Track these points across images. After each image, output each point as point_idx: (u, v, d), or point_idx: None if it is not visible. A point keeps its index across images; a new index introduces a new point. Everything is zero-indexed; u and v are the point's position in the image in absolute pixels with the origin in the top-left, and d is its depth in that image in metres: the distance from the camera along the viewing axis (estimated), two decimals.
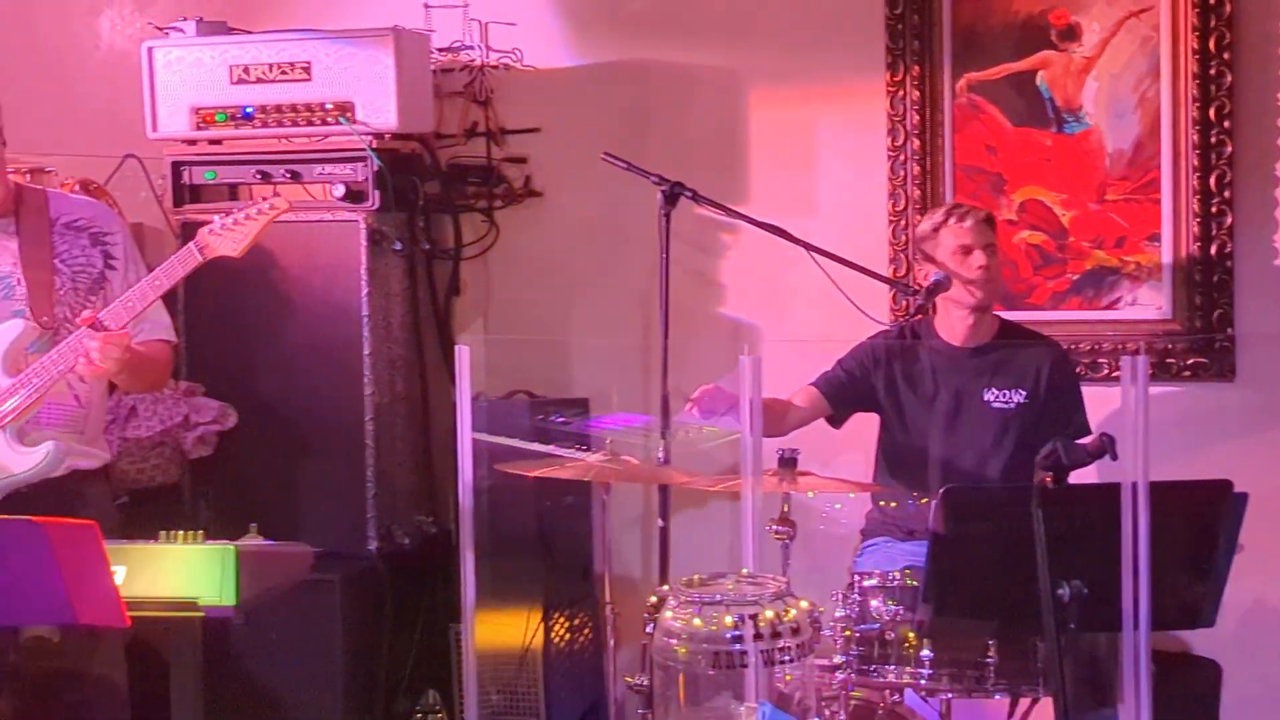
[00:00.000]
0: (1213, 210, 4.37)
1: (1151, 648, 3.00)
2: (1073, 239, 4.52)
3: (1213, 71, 4.34)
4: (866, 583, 3.56)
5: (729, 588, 3.17)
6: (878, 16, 4.58)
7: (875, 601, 3.52)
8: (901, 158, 4.58)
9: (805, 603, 3.15)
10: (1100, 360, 4.50)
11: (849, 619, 3.51)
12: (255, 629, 4.15)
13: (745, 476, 3.33)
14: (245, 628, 4.04)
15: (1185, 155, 4.38)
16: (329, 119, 4.44)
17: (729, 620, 3.03)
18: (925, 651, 3.46)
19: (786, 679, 3.21)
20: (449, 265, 4.88)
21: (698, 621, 3.06)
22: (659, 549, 4.27)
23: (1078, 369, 4.37)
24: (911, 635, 3.49)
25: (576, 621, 4.60)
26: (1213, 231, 4.38)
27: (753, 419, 3.31)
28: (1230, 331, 4.41)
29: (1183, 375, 4.45)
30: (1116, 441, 3.04)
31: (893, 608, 3.51)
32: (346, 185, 4.45)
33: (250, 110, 4.50)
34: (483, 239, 4.89)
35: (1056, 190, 4.52)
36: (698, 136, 4.74)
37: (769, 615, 3.05)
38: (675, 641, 3.08)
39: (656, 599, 3.37)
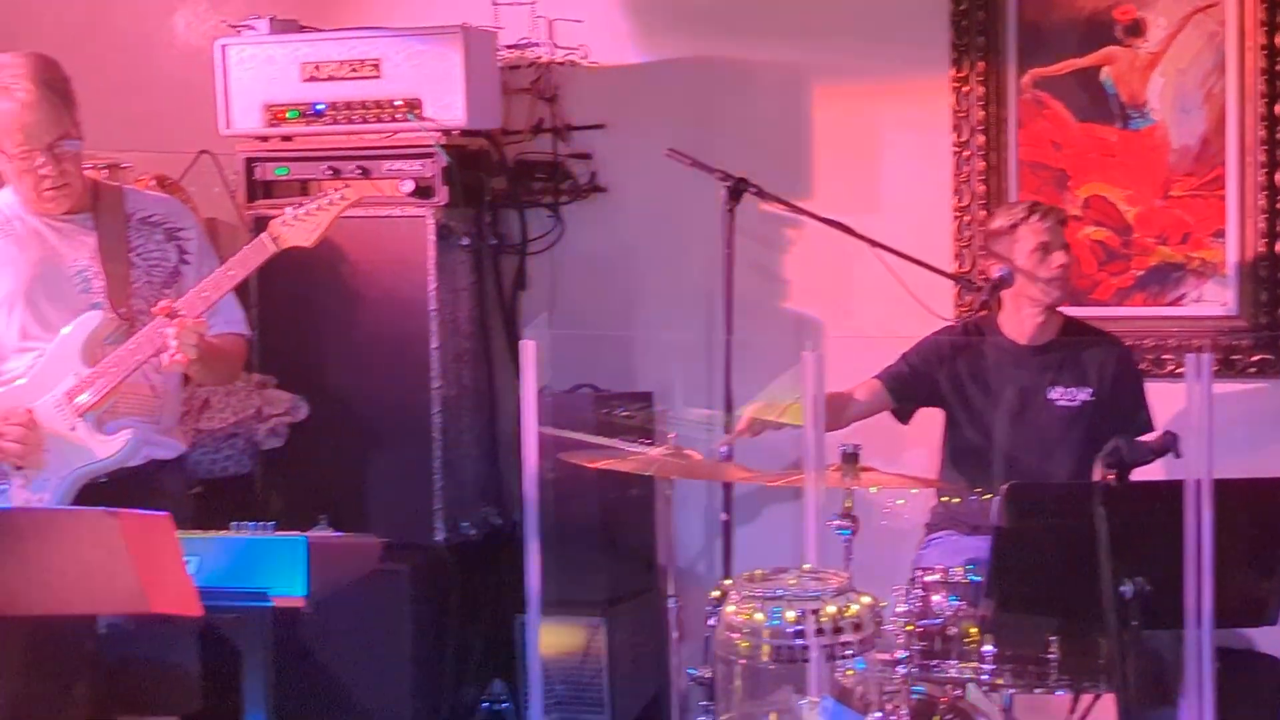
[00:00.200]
0: (1279, 206, 4.35)
1: (1214, 645, 2.99)
2: (1137, 235, 4.51)
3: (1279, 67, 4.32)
4: (929, 578, 3.56)
5: (791, 582, 3.17)
6: (943, 12, 4.57)
7: (937, 596, 3.52)
8: (966, 153, 4.57)
9: (867, 598, 3.15)
10: (1165, 357, 4.48)
11: (911, 614, 3.52)
12: (324, 618, 4.16)
13: (808, 472, 3.33)
14: (314, 617, 4.12)
15: (1251, 151, 4.36)
16: (398, 115, 4.48)
17: (791, 615, 3.03)
18: (987, 647, 3.46)
19: (848, 674, 3.23)
20: (515, 260, 4.90)
21: (760, 616, 3.06)
22: (722, 542, 4.30)
23: (1141, 366, 4.36)
24: (974, 630, 3.49)
25: (640, 613, 4.63)
26: (1279, 228, 4.36)
27: (815, 415, 3.32)
28: None
29: (1248, 372, 4.43)
30: (1180, 439, 3.04)
31: (955, 603, 3.51)
32: (415, 181, 4.49)
33: (321, 107, 4.55)
34: (548, 234, 4.92)
35: (1121, 186, 4.50)
36: (762, 132, 4.75)
37: (831, 610, 3.05)
38: (737, 635, 3.09)
39: (719, 592, 3.39)
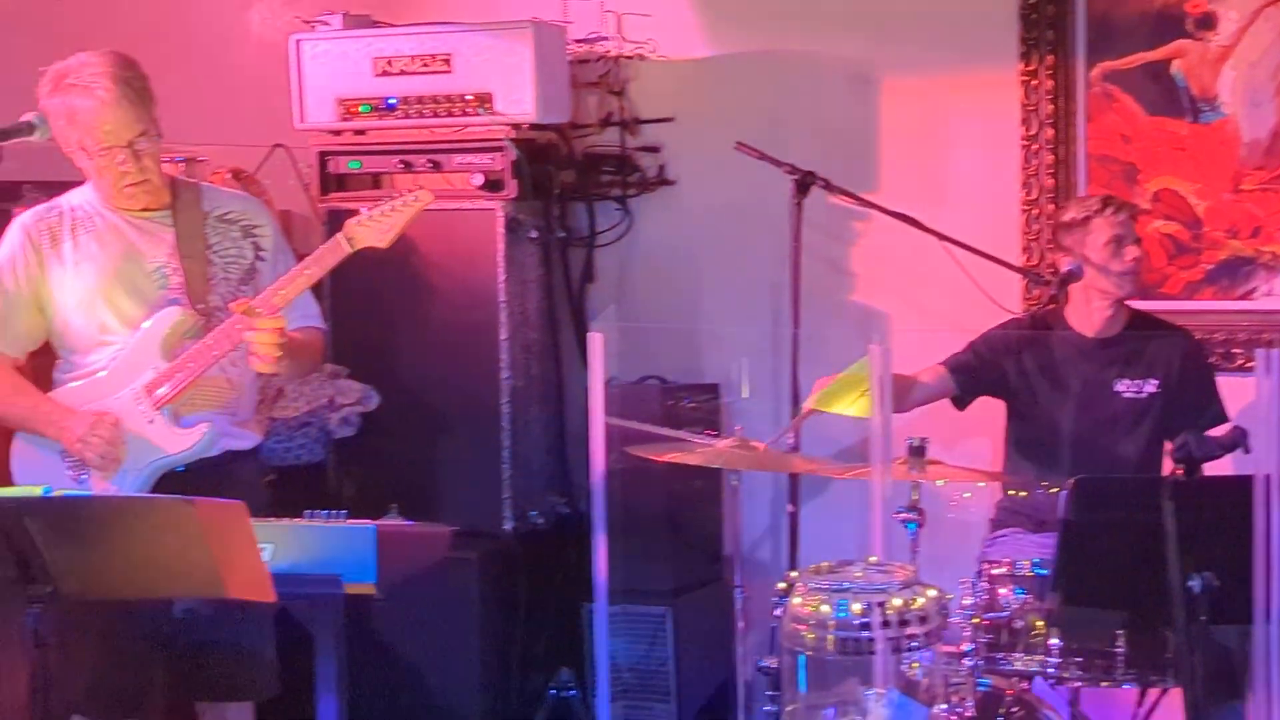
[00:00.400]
0: None
1: None
2: (1207, 229, 4.48)
3: None
4: (995, 571, 3.57)
5: (857, 575, 3.19)
6: (1012, 5, 4.55)
7: (1004, 589, 3.53)
8: (1035, 147, 4.56)
9: (933, 590, 3.16)
10: (1235, 351, 4.45)
11: (977, 607, 3.52)
12: (395, 606, 4.21)
13: (874, 465, 3.34)
14: (385, 605, 4.16)
15: None
16: (468, 110, 4.51)
17: (857, 607, 3.05)
18: (1054, 640, 3.46)
19: (914, 666, 3.24)
20: (583, 253, 4.93)
21: (826, 608, 3.08)
22: (788, 534, 4.31)
23: (1211, 359, 4.33)
24: (1040, 624, 3.50)
25: (705, 603, 4.64)
26: None
27: (882, 409, 3.33)
28: None
29: None
30: (1249, 434, 3.03)
31: (1021, 596, 3.51)
32: (485, 174, 4.51)
33: (393, 101, 4.59)
34: (616, 227, 4.94)
35: (1191, 180, 4.47)
36: (830, 125, 4.75)
37: (897, 603, 3.07)
38: (803, 627, 3.10)
39: (785, 584, 3.40)
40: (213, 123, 4.70)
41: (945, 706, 3.32)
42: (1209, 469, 3.14)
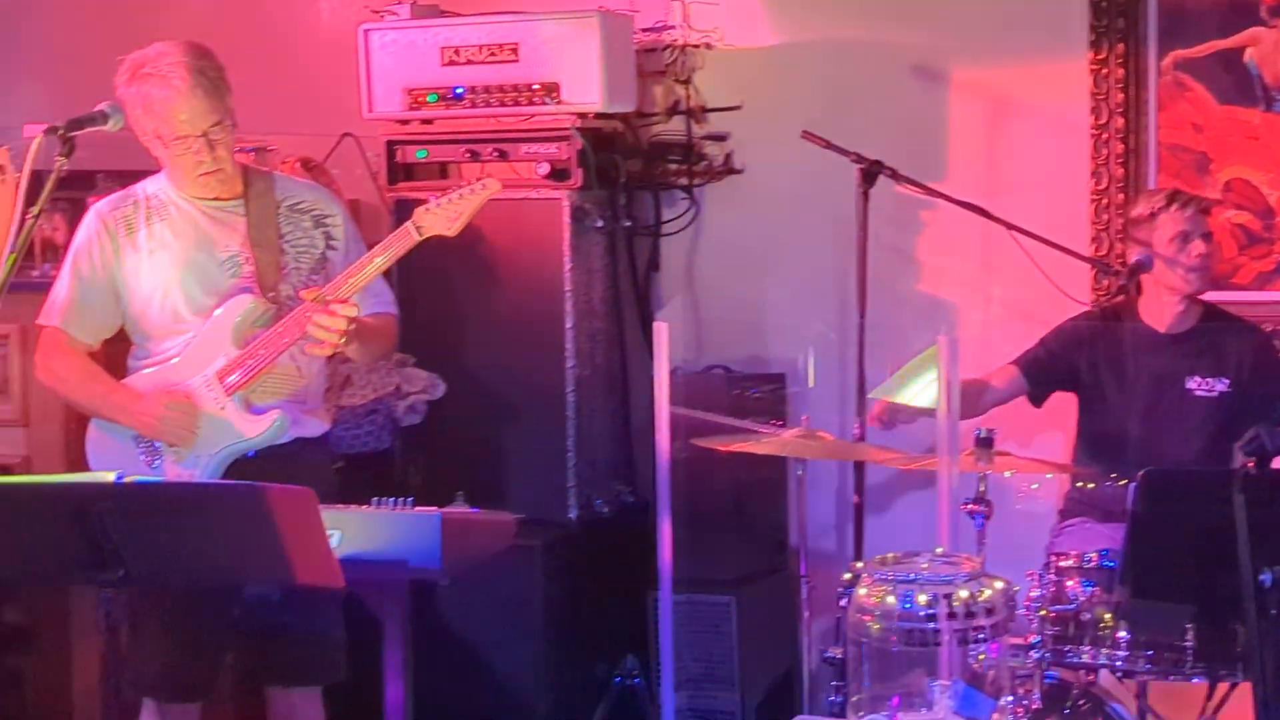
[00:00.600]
0: None
1: None
2: (1279, 219, 4.44)
3: None
4: (1063, 563, 3.55)
5: (924, 566, 3.16)
6: None
7: (1071, 582, 3.51)
8: (1104, 136, 4.52)
9: (1000, 582, 3.12)
10: None
11: (1045, 599, 3.50)
12: (460, 593, 4.25)
13: (942, 456, 3.33)
14: (451, 591, 4.20)
15: None
16: (535, 99, 4.52)
17: (923, 599, 3.02)
18: (1122, 633, 3.44)
19: (980, 658, 3.22)
20: (649, 242, 4.92)
21: (891, 599, 3.05)
22: (853, 524, 4.30)
23: None
24: (1108, 616, 3.48)
25: (770, 592, 4.64)
26: None
27: (949, 399, 3.32)
28: None
29: None
30: None
31: (1089, 588, 3.49)
32: (551, 163, 4.51)
33: (460, 91, 4.59)
34: (682, 215, 4.93)
35: (1263, 169, 4.42)
36: (897, 114, 4.72)
37: (963, 594, 3.03)
38: (869, 618, 3.08)
39: (850, 574, 3.39)
40: (282, 112, 4.73)
41: (1011, 699, 3.29)
42: None
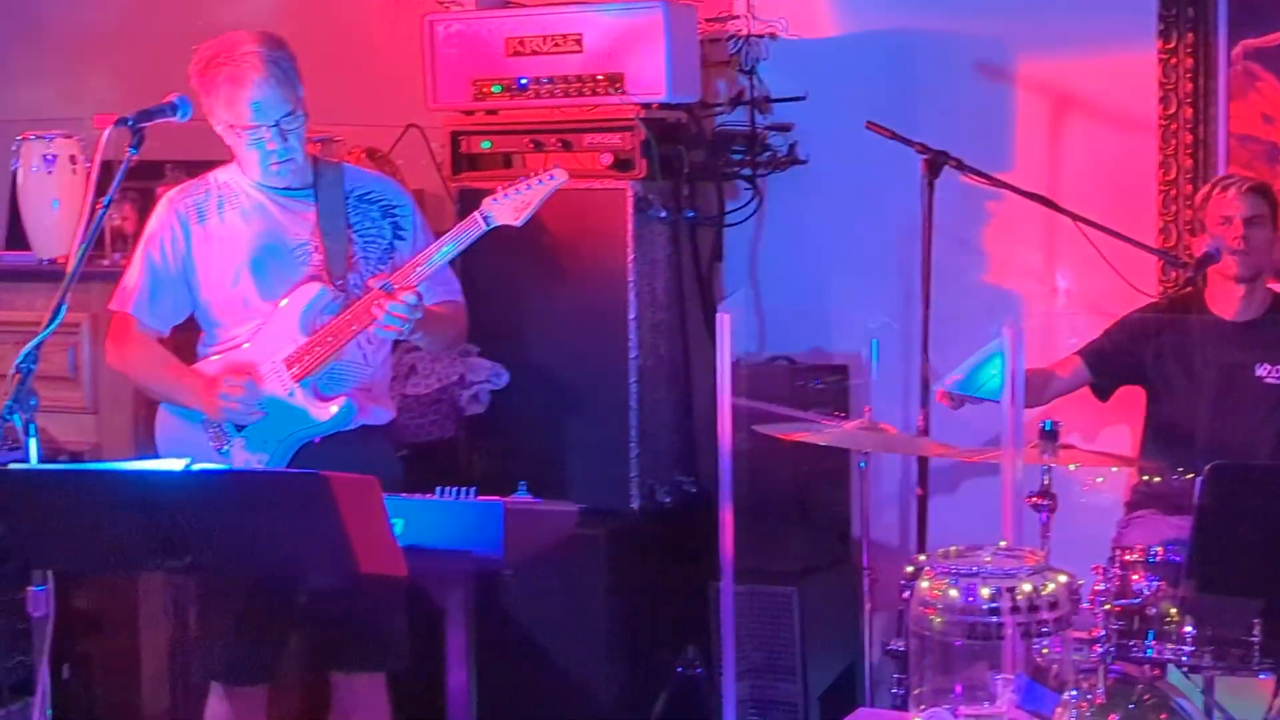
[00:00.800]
0: None
1: None
2: None
3: None
4: (1128, 557, 3.52)
5: (987, 559, 3.14)
6: None
7: (1137, 576, 3.48)
8: (1173, 126, 4.47)
9: (1064, 576, 3.10)
10: None
11: (1109, 593, 3.47)
12: (522, 583, 4.25)
13: (1006, 448, 3.31)
14: (513, 580, 4.21)
15: None
16: (599, 89, 4.51)
17: (986, 592, 3.00)
18: (1188, 628, 3.41)
19: (1043, 652, 3.20)
20: (712, 232, 4.91)
21: (954, 593, 3.03)
22: (916, 517, 4.29)
23: None
24: (1174, 611, 3.45)
25: (832, 584, 4.63)
26: None
27: (1014, 391, 3.30)
28: None
29: None
30: None
31: (1155, 582, 3.47)
32: (614, 154, 4.52)
33: (524, 81, 4.59)
34: (746, 206, 4.92)
35: None
36: (962, 104, 4.69)
37: (1027, 588, 3.01)
38: (931, 611, 3.07)
39: (913, 567, 3.39)
40: (348, 103, 4.76)
41: (1075, 693, 3.27)
42: None
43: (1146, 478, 4.14)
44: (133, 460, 3.56)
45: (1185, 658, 3.44)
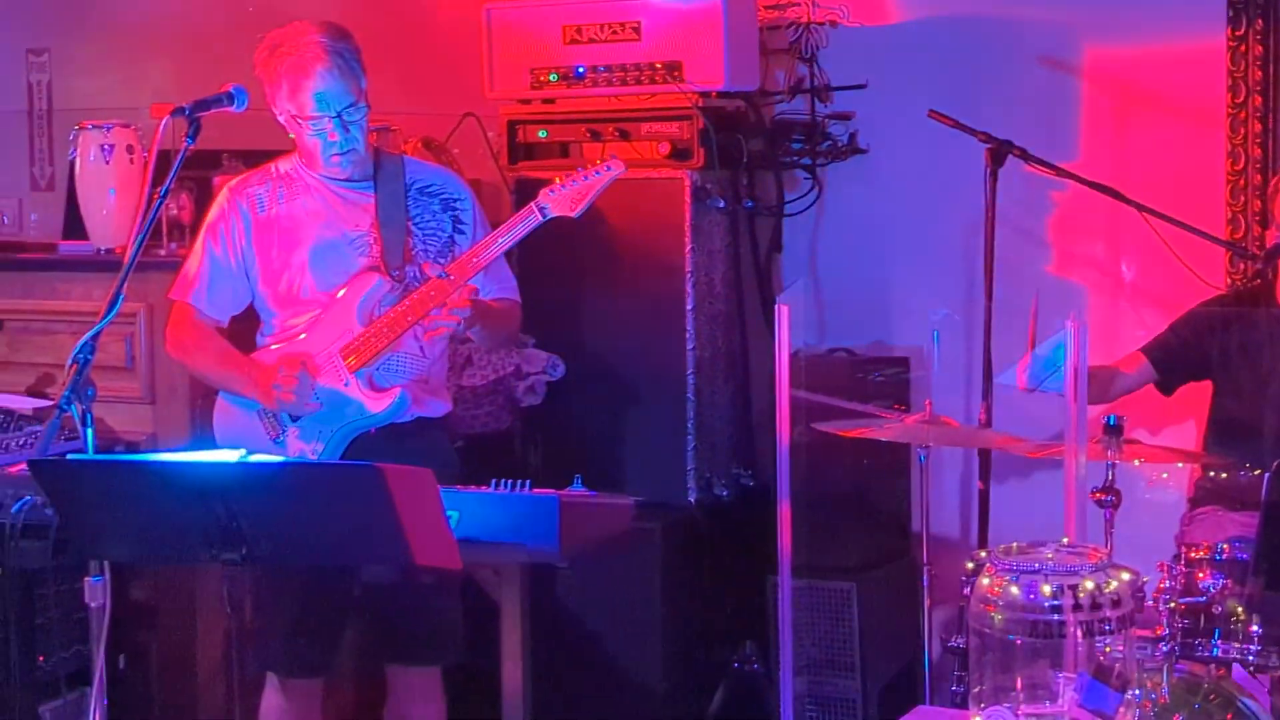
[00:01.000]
0: None
1: None
2: None
3: None
4: (1193, 554, 3.46)
5: (1049, 556, 3.09)
6: None
7: (1202, 574, 3.41)
8: (1242, 115, 4.39)
9: (1128, 573, 3.05)
10: None
11: (1174, 591, 3.42)
12: (578, 576, 4.25)
13: (1069, 444, 3.27)
14: (569, 573, 4.21)
15: None
16: (657, 78, 4.49)
17: (1048, 590, 2.96)
18: (1254, 626, 3.35)
19: (1106, 651, 3.16)
20: (771, 222, 4.87)
21: (1015, 590, 3.00)
22: (977, 512, 4.24)
23: None
24: (1240, 609, 3.39)
25: (892, 579, 4.59)
26: None
27: (1078, 385, 3.25)
28: None
29: None
30: None
31: (1221, 580, 3.41)
32: (672, 143, 4.49)
33: (582, 70, 4.58)
34: (805, 196, 4.88)
35: None
36: (1027, 93, 4.63)
37: (1089, 586, 2.97)
38: (991, 609, 3.03)
39: (973, 563, 3.35)
40: (404, 92, 4.75)
41: (1139, 693, 3.22)
42: None
43: (1212, 473, 4.09)
44: (189, 450, 3.58)
45: (1251, 657, 3.38)
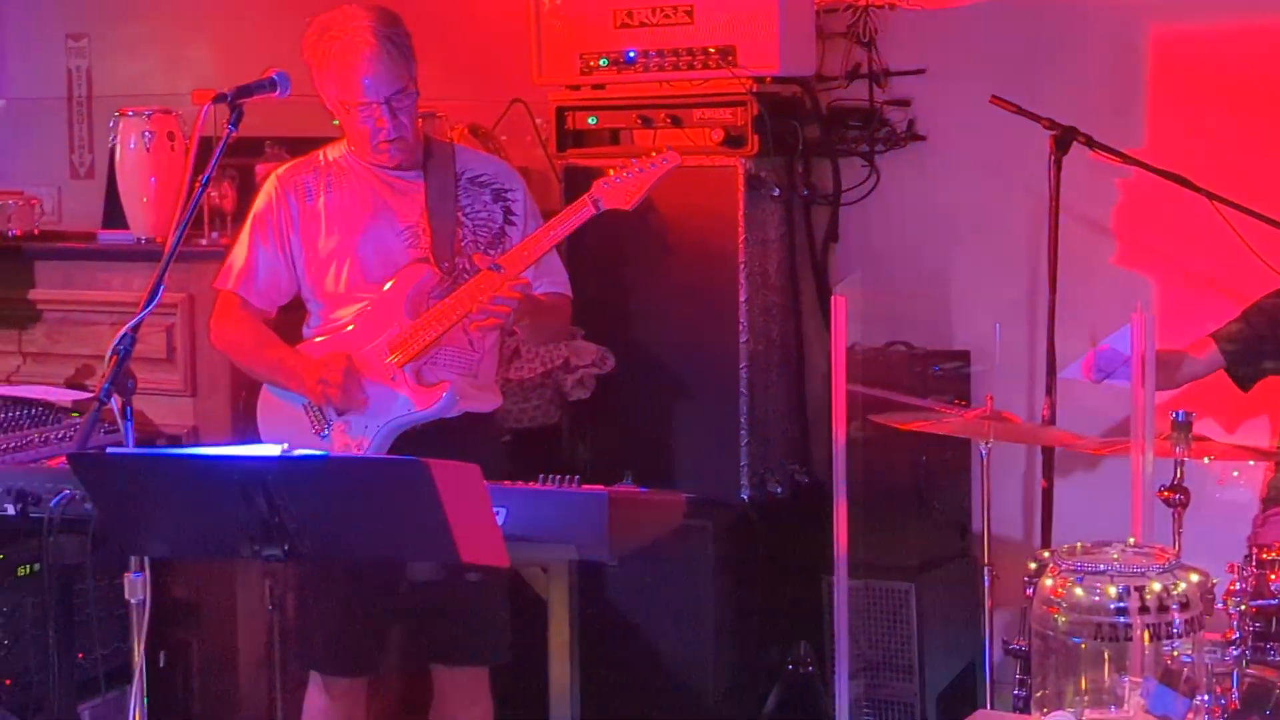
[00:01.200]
0: None
1: None
2: None
3: None
4: (1265, 555, 3.37)
5: (1114, 557, 3.03)
6: None
7: (1274, 575, 3.32)
8: None
9: (1196, 575, 2.99)
10: None
11: (1245, 593, 3.32)
12: (628, 574, 4.23)
13: (1135, 441, 3.20)
14: (619, 571, 4.16)
15: None
16: (710, 63, 4.43)
17: (1113, 591, 2.90)
18: None
19: (1174, 654, 3.09)
20: (827, 211, 4.82)
21: (1079, 591, 2.94)
22: (1041, 511, 4.17)
23: None
24: None
25: (951, 580, 4.53)
26: None
27: (1146, 380, 3.18)
28: None
29: None
30: None
31: None
32: (725, 130, 4.45)
33: (633, 55, 4.53)
34: (862, 184, 4.81)
35: None
36: (1092, 77, 4.55)
37: (1156, 587, 2.91)
38: (1054, 610, 2.98)
39: (1036, 564, 3.28)
40: (452, 78, 4.72)
41: (1208, 698, 3.14)
42: None
43: None
44: (231, 444, 3.53)
45: None
